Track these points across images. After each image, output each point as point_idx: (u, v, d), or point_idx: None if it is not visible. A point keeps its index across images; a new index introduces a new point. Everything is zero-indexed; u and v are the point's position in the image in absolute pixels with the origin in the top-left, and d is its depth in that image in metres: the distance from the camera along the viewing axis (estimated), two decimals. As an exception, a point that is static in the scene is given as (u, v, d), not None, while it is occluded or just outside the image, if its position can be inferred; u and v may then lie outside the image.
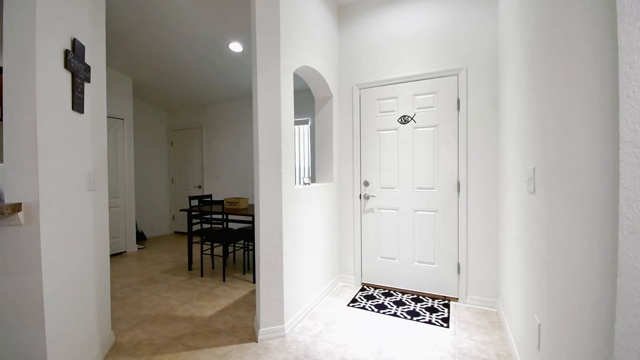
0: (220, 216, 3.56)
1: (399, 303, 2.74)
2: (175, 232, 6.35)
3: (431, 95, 2.86)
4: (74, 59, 1.72)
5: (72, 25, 1.72)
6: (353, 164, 3.19)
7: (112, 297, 3.01)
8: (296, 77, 4.04)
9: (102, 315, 2.05)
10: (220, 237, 3.52)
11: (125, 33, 3.49)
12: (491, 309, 2.63)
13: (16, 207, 1.32)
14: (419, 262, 2.95)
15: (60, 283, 1.55)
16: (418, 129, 2.92)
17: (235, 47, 3.71)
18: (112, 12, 3.07)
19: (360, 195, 3.17)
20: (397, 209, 3.02)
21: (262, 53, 2.18)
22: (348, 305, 2.73)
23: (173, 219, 6.37)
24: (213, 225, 3.88)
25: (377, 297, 2.88)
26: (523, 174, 1.71)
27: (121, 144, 4.71)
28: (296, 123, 4.97)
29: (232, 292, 3.11)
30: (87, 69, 1.89)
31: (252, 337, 2.24)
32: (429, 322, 2.41)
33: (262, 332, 2.18)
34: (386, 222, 3.07)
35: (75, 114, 1.76)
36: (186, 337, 2.26)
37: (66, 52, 1.66)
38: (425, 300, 2.80)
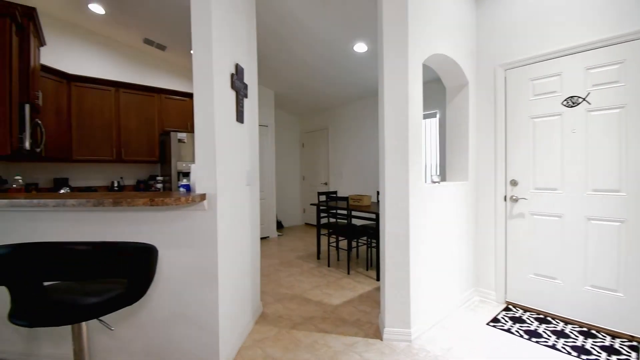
0: (344, 211, 3.73)
1: (560, 334, 2.19)
2: (306, 224, 7.06)
3: (614, 67, 2.15)
4: (237, 80, 2.11)
5: (235, 53, 2.12)
6: (495, 160, 2.73)
7: (260, 274, 3.60)
8: (423, 67, 3.78)
9: (254, 287, 2.48)
10: (345, 232, 3.68)
11: (268, 53, 4.08)
12: None
13: (202, 197, 1.73)
14: (592, 286, 2.27)
15: (228, 256, 1.94)
16: (594, 113, 2.25)
17: (360, 47, 3.78)
18: (258, 38, 3.64)
19: (505, 197, 2.70)
20: (559, 216, 2.42)
21: (388, 47, 2.13)
22: (488, 324, 2.38)
23: (304, 212, 7.11)
24: (338, 220, 4.11)
25: (527, 321, 2.39)
26: None
27: (265, 147, 5.58)
28: (423, 117, 4.67)
29: (356, 285, 3.21)
30: (245, 87, 2.29)
31: (377, 334, 2.24)
32: (610, 367, 1.82)
33: (387, 331, 2.15)
34: (543, 231, 2.50)
35: (238, 124, 2.17)
36: (317, 320, 2.46)
37: (232, 75, 2.05)
38: (600, 336, 2.14)
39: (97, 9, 3.71)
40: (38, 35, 3.01)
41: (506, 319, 2.44)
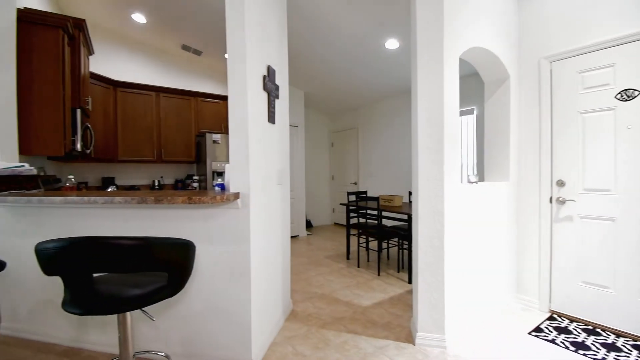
0: (375, 212, 3.67)
1: (610, 347, 2.00)
2: (335, 223, 7.05)
3: (685, 54, 1.92)
4: (269, 82, 2.15)
5: (267, 55, 2.16)
6: (540, 158, 2.55)
7: (290, 272, 3.65)
8: (459, 62, 3.63)
9: (285, 285, 2.51)
10: (375, 233, 3.63)
11: (298, 54, 4.12)
12: None
13: (236, 196, 1.78)
14: (653, 298, 2.05)
15: (260, 253, 1.99)
16: (656, 107, 2.03)
17: (392, 44, 3.70)
18: (288, 38, 3.68)
19: (550, 198, 2.51)
20: (613, 220, 2.21)
21: (422, 42, 2.06)
22: (530, 333, 2.23)
23: (333, 212, 7.10)
24: (368, 221, 4.05)
25: (574, 332, 2.21)
26: None
27: (295, 147, 5.64)
28: (459, 114, 4.48)
29: (386, 287, 3.15)
30: (277, 88, 2.33)
31: (409, 338, 2.18)
32: (676, 389, 1.63)
33: (420, 336, 2.09)
34: (593, 235, 2.30)
35: (270, 125, 2.21)
36: (346, 320, 2.45)
37: (264, 77, 2.09)
38: (663, 354, 1.93)
39: (140, 18, 3.95)
40: (87, 44, 3.27)
41: (550, 328, 2.27)
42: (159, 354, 1.89)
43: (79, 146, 2.88)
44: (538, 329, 2.27)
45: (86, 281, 1.18)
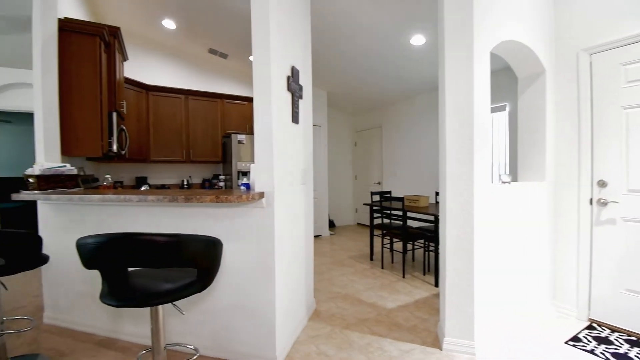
0: (399, 212, 3.60)
1: (663, 363, 1.84)
2: (358, 224, 7.00)
3: None
4: (292, 82, 2.16)
5: (291, 56, 2.18)
6: (579, 157, 2.39)
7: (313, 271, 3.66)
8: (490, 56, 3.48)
9: (308, 284, 2.52)
10: (400, 234, 3.56)
11: (321, 53, 4.12)
12: None
13: (261, 195, 1.81)
14: None
15: (284, 252, 2.00)
16: None
17: (417, 40, 3.61)
18: (312, 38, 3.68)
19: (590, 200, 2.35)
20: (662, 223, 2.03)
21: (450, 36, 1.99)
22: (566, 342, 2.09)
23: (356, 212, 7.05)
24: (392, 221, 3.98)
25: (616, 342, 2.06)
26: None
27: (318, 147, 5.65)
28: (490, 110, 4.31)
29: (412, 290, 3.08)
30: (300, 88, 2.34)
31: (435, 343, 2.12)
32: None
33: (448, 341, 2.02)
34: (639, 240, 2.13)
35: (294, 125, 2.22)
36: (370, 322, 2.42)
37: (288, 77, 2.11)
38: None
39: (169, 24, 4.11)
40: (122, 51, 3.45)
41: (589, 338, 2.12)
42: (189, 346, 1.95)
43: (115, 147, 3.04)
44: (576, 339, 2.13)
45: (122, 275, 1.24)
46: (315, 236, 5.60)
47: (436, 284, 3.18)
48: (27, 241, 1.67)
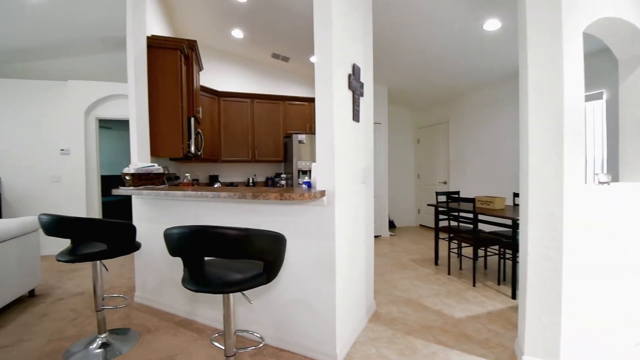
0: (469, 215, 3.30)
1: None
2: (420, 225, 6.65)
3: None
4: (354, 80, 2.13)
5: (352, 54, 2.15)
6: None
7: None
8: (583, 36, 2.99)
9: (368, 285, 2.47)
10: (470, 238, 3.27)
11: (382, 48, 3.99)
12: None
13: (322, 193, 1.83)
14: None
15: (344, 251, 2.00)
16: None
17: (492, 25, 3.27)
18: (374, 32, 3.59)
19: None
20: None
21: (532, 17, 1.74)
22: (695, 381, 1.69)
23: (418, 213, 6.71)
24: (461, 224, 3.68)
25: None
26: None
27: (378, 145, 5.51)
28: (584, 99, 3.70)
29: (484, 300, 2.81)
30: (361, 85, 2.30)
31: (513, 361, 1.89)
32: None
33: (528, 361, 1.79)
34: None
35: (354, 123, 2.20)
36: (435, 330, 2.27)
37: (349, 76, 2.09)
38: None
39: (238, 33, 4.42)
40: (198, 62, 3.81)
41: None
42: (255, 334, 2.07)
43: (192, 149, 3.39)
44: None
45: (200, 263, 1.36)
46: (374, 236, 5.49)
47: (513, 296, 2.85)
48: (125, 230, 1.95)
